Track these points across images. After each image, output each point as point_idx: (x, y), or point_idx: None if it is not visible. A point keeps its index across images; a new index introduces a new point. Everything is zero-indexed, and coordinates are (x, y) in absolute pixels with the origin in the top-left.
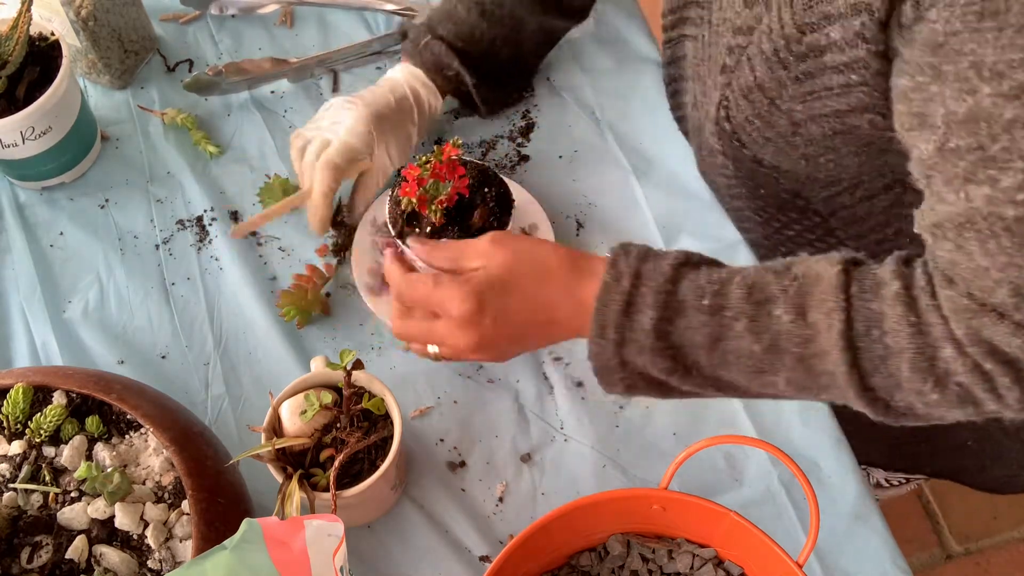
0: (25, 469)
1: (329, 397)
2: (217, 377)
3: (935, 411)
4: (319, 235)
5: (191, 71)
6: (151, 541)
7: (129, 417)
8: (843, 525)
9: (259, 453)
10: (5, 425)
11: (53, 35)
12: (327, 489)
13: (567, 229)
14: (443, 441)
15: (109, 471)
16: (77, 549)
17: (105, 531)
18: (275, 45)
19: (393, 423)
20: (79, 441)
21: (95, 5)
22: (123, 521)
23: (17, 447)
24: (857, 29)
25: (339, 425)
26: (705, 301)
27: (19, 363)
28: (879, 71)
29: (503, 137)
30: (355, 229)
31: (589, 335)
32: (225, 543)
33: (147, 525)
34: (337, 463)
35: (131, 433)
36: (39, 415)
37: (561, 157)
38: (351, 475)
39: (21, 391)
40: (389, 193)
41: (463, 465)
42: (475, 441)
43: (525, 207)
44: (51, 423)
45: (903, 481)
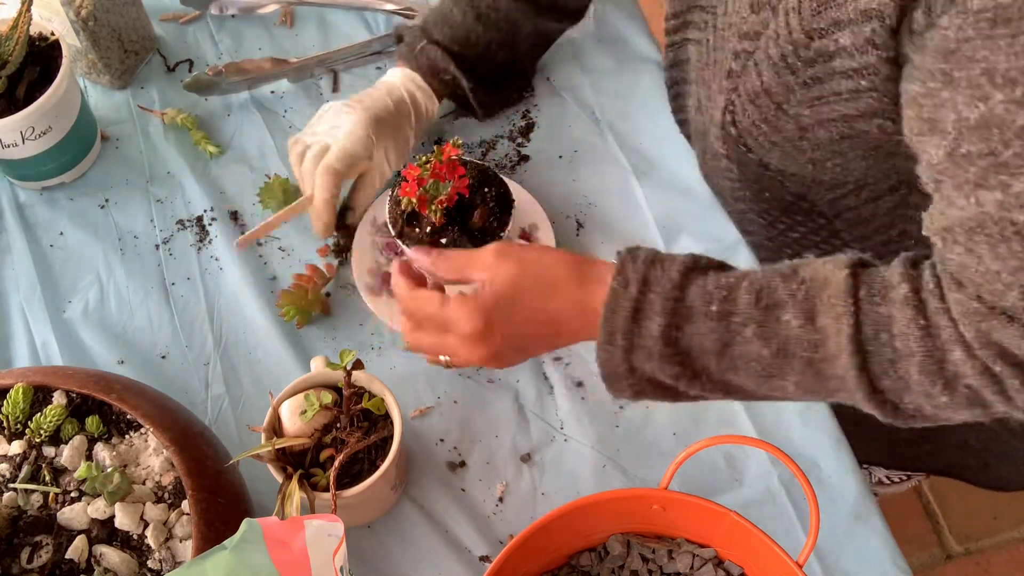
0: (25, 469)
1: (329, 397)
2: (217, 377)
3: (944, 413)
4: (323, 239)
5: (191, 71)
6: (151, 541)
7: (129, 417)
8: (843, 525)
9: (259, 453)
10: (5, 425)
11: (53, 35)
12: (327, 489)
13: (567, 229)
14: (443, 441)
15: (109, 471)
16: (77, 549)
17: (105, 531)
18: (275, 45)
19: (393, 423)
20: (79, 441)
21: (95, 5)
22: (123, 521)
23: (17, 447)
24: (867, 35)
25: (339, 425)
26: (713, 307)
27: (19, 363)
28: (889, 76)
29: (503, 137)
30: (356, 230)
31: (597, 341)
32: (225, 543)
33: (147, 525)
34: (337, 463)
35: (131, 433)
36: (39, 415)
37: (561, 157)
38: (351, 475)
39: (21, 391)
40: (389, 193)
41: (463, 465)
42: (475, 441)
43: (525, 207)
44: (51, 423)
45: (904, 478)
